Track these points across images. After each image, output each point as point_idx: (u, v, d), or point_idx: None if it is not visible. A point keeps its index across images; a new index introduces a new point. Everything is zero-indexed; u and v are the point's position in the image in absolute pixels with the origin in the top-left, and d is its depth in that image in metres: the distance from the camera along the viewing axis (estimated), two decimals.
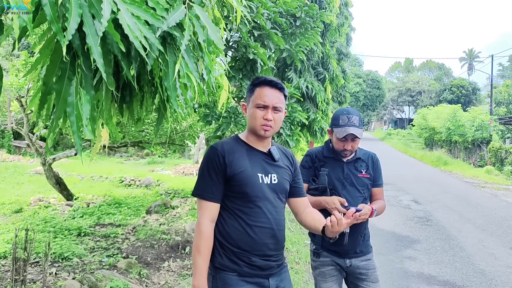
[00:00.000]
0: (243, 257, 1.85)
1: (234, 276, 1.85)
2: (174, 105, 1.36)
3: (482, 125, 22.75)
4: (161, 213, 8.32)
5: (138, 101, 1.61)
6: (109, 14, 1.08)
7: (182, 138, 10.22)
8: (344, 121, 2.47)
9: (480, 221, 7.79)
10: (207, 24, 1.37)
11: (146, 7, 1.22)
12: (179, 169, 15.20)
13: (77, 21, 1.06)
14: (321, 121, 7.32)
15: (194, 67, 1.39)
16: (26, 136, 8.33)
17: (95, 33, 1.11)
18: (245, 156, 1.90)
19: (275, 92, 1.89)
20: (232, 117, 5.14)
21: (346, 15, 12.44)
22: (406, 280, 4.64)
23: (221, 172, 1.85)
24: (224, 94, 2.24)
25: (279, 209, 1.94)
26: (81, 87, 1.19)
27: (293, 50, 5.39)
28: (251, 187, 1.85)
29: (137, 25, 1.16)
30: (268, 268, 1.89)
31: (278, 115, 1.89)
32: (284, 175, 1.98)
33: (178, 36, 1.31)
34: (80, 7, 1.08)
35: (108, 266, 5.10)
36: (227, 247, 1.87)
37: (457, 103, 32.71)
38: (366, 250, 2.60)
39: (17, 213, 8.34)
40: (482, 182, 14.39)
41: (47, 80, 1.18)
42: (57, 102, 1.16)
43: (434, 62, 74.19)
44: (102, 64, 1.10)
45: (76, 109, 1.16)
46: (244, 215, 1.85)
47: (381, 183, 2.70)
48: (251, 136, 1.95)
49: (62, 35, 1.06)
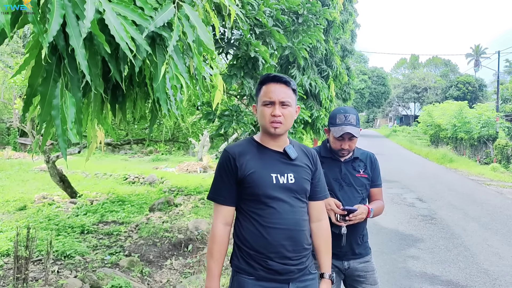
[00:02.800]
0: (260, 260, 1.81)
1: (251, 280, 1.83)
2: (163, 106, 1.33)
3: (488, 122, 22.54)
4: (164, 211, 8.33)
5: (131, 101, 1.59)
6: (92, 14, 1.05)
7: (185, 135, 10.22)
8: (341, 120, 2.43)
9: (485, 219, 7.72)
10: (197, 24, 1.33)
11: (133, 7, 1.19)
12: (183, 167, 15.21)
13: (59, 22, 1.03)
14: (324, 119, 7.27)
15: (184, 68, 1.36)
16: (30, 133, 8.36)
17: (79, 34, 1.08)
18: (257, 157, 1.87)
19: (281, 87, 1.84)
20: (234, 115, 5.10)
21: (350, 12, 12.34)
22: (409, 279, 4.60)
23: (232, 175, 1.84)
24: (218, 94, 2.21)
25: (297, 209, 1.87)
26: (67, 89, 1.17)
27: (295, 47, 5.34)
28: (263, 188, 1.81)
29: (123, 25, 1.13)
30: (287, 273, 1.82)
31: (287, 110, 1.83)
32: (303, 174, 1.91)
33: (167, 37, 1.28)
34: (63, 7, 1.05)
35: (110, 264, 5.11)
36: (244, 250, 1.86)
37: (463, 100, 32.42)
38: (365, 252, 2.56)
39: (21, 210, 8.39)
40: (487, 180, 14.27)
41: (32, 82, 1.15)
42: (42, 104, 1.13)
43: (440, 58, 73.78)
44: (86, 66, 1.07)
45: (61, 112, 1.13)
46: (258, 217, 1.82)
47: (379, 183, 2.66)
48: (264, 136, 1.91)
49: (43, 36, 1.03)
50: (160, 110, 1.46)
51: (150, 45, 1.26)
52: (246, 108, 5.72)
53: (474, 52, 67.96)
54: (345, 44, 12.27)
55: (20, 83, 7.58)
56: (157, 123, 8.59)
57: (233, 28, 4.19)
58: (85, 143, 9.12)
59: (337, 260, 2.50)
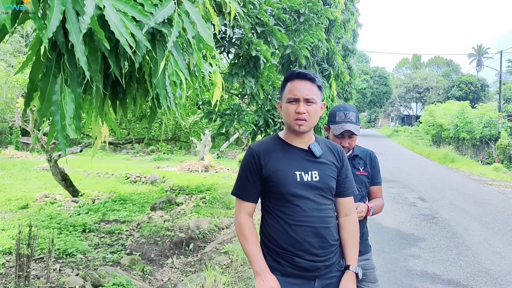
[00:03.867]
0: (286, 257, 1.82)
1: (278, 276, 1.83)
2: (163, 102, 1.33)
3: (491, 122, 22.49)
4: (166, 210, 8.34)
5: (131, 98, 1.59)
6: (92, 10, 1.06)
7: (187, 134, 10.23)
8: (341, 118, 2.43)
9: (487, 219, 7.71)
10: (197, 20, 1.34)
11: (133, 3, 1.19)
12: (184, 166, 15.23)
13: (59, 18, 1.04)
14: (325, 118, 7.26)
15: (183, 64, 1.36)
16: (32, 132, 8.38)
17: (79, 30, 1.08)
18: (282, 155, 1.87)
19: (306, 83, 1.83)
20: (235, 114, 5.11)
21: (352, 11, 12.32)
22: (410, 278, 4.60)
23: (256, 173, 1.85)
24: (217, 91, 2.21)
25: (323, 207, 1.86)
26: (67, 85, 1.18)
27: (296, 46, 5.34)
28: (288, 186, 1.81)
29: (122, 21, 1.13)
30: (314, 269, 1.82)
31: (311, 107, 1.82)
32: (328, 171, 1.89)
33: (167, 33, 1.28)
34: (63, 3, 1.06)
35: (111, 263, 5.12)
36: (271, 247, 1.87)
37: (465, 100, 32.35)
38: (365, 250, 2.56)
39: (23, 209, 8.42)
40: (489, 180, 14.24)
41: (33, 77, 1.16)
42: (42, 100, 1.14)
43: (442, 58, 73.66)
44: (85, 62, 1.08)
45: (60, 108, 1.14)
46: (283, 215, 1.82)
47: (379, 181, 2.66)
48: (289, 133, 1.91)
49: (42, 32, 1.03)
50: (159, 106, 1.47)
51: (150, 41, 1.26)
52: (247, 107, 5.73)
53: (476, 52, 67.80)
54: (347, 44, 12.26)
55: (22, 82, 7.60)
56: (159, 122, 8.60)
57: (235, 27, 4.19)
58: (86, 142, 9.15)
59: None
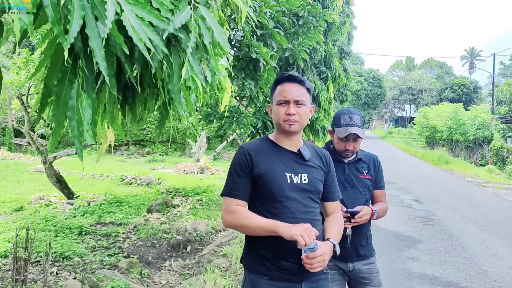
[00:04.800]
0: (273, 260, 1.82)
1: (264, 279, 1.82)
2: (179, 108, 1.32)
3: (484, 124, 22.70)
4: (162, 212, 8.30)
5: (140, 102, 1.58)
6: (113, 15, 1.05)
7: (183, 136, 10.20)
8: (346, 121, 2.44)
9: (483, 221, 7.76)
10: (213, 25, 1.33)
11: (150, 8, 1.18)
12: (180, 168, 15.18)
13: (79, 23, 1.03)
14: (323, 120, 7.28)
15: (199, 70, 1.35)
16: (27, 134, 8.30)
17: (98, 35, 1.07)
18: (273, 156, 1.88)
19: (295, 86, 1.86)
20: (235, 117, 5.10)
21: (347, 13, 12.39)
22: (409, 281, 4.61)
23: (248, 171, 1.84)
24: (226, 96, 2.21)
25: (310, 209, 1.87)
26: (83, 90, 1.16)
27: (295, 49, 5.35)
28: (278, 187, 1.81)
29: (141, 26, 1.12)
30: (300, 272, 1.81)
31: (301, 109, 1.85)
32: (316, 175, 1.92)
33: (183, 38, 1.28)
34: (83, 8, 1.05)
35: (109, 266, 5.08)
36: (258, 250, 1.86)
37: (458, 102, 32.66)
38: (369, 254, 2.56)
39: (18, 211, 8.33)
40: (483, 181, 14.34)
41: (47, 82, 1.14)
42: (57, 105, 1.13)
43: (435, 60, 74.15)
44: (105, 68, 1.07)
45: (77, 113, 1.13)
46: (271, 216, 1.81)
47: (383, 185, 2.66)
48: (279, 135, 1.93)
49: (64, 37, 1.02)
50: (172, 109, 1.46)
51: (166, 46, 1.25)
52: (246, 110, 5.72)
53: (469, 54, 68.40)
54: (343, 46, 12.31)
55: (18, 84, 7.53)
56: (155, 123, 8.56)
57: (234, 29, 4.19)
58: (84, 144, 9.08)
59: (342, 262, 2.49)
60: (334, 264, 2.50)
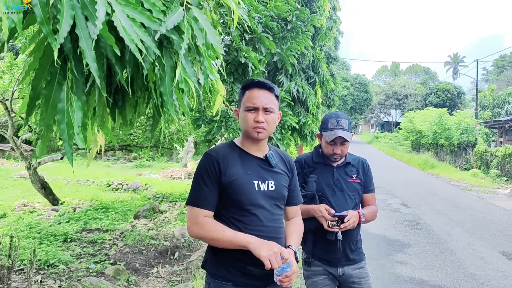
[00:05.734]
0: (239, 266, 1.80)
1: (229, 285, 1.80)
2: (171, 111, 1.29)
3: (468, 129, 23.07)
4: (149, 218, 8.21)
5: (131, 105, 1.55)
6: (104, 16, 1.02)
7: (171, 141, 10.12)
8: (333, 125, 2.44)
9: (469, 224, 7.85)
10: (205, 26, 1.31)
11: (141, 9, 1.16)
12: (167, 173, 15.07)
13: (69, 23, 1.00)
14: (311, 125, 7.30)
15: (192, 72, 1.33)
16: (11, 139, 8.13)
17: (89, 36, 1.04)
18: (239, 163, 1.84)
19: (265, 93, 1.84)
20: (223, 121, 5.08)
21: (334, 19, 12.50)
22: (398, 285, 4.63)
23: (216, 179, 1.79)
24: (219, 99, 2.19)
25: (276, 217, 1.88)
26: (72, 92, 1.13)
27: (284, 54, 5.35)
28: (246, 195, 1.79)
29: (133, 27, 1.10)
30: (265, 277, 1.81)
31: (270, 116, 1.83)
32: (282, 181, 1.92)
33: (175, 40, 1.25)
34: (73, 8, 1.01)
35: (95, 273, 4.99)
36: (222, 256, 1.82)
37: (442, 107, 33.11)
38: (359, 258, 2.55)
39: (1, 218, 8.14)
40: (468, 185, 14.55)
41: (35, 85, 1.10)
42: (46, 108, 1.09)
43: (420, 66, 75.34)
44: (96, 69, 1.04)
45: (67, 116, 1.09)
46: (239, 223, 1.79)
47: (372, 188, 2.67)
48: (246, 141, 1.90)
49: (53, 37, 0.99)
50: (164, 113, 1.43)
51: (157, 47, 1.23)
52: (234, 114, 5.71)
53: (453, 60, 69.65)
54: (330, 51, 12.39)
55: (1, 88, 7.38)
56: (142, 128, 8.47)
57: (223, 33, 4.17)
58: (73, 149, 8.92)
59: (332, 266, 2.49)
60: (323, 269, 2.49)
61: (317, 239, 2.48)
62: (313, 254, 2.49)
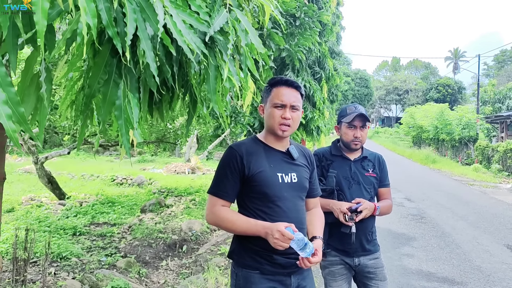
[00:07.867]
0: (265, 255, 1.87)
1: (257, 274, 1.88)
2: (215, 107, 1.36)
3: (469, 124, 23.13)
4: (156, 212, 8.28)
5: (166, 101, 1.62)
6: (163, 19, 1.09)
7: (175, 136, 10.18)
8: (351, 110, 2.56)
9: (472, 218, 7.93)
10: (247, 27, 1.38)
11: (190, 11, 1.22)
12: (171, 168, 15.13)
13: (134, 26, 1.06)
14: (318, 120, 7.37)
15: (235, 71, 1.40)
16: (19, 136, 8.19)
17: (148, 37, 1.11)
18: (263, 156, 1.92)
19: (292, 91, 1.92)
20: (233, 116, 5.15)
21: (337, 14, 12.51)
22: (406, 277, 4.71)
23: (238, 173, 1.87)
24: (249, 95, 2.26)
25: (299, 207, 1.96)
26: (128, 90, 1.20)
27: (292, 49, 5.41)
28: (271, 187, 1.87)
29: (186, 30, 1.16)
30: (290, 266, 1.89)
31: (296, 114, 1.92)
32: (303, 173, 2.01)
33: (221, 40, 1.32)
34: (135, 12, 1.08)
35: (107, 266, 5.07)
36: (249, 246, 1.90)
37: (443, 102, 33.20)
38: (374, 249, 2.62)
39: (9, 212, 8.21)
40: (470, 180, 14.63)
41: (91, 83, 1.17)
42: (103, 104, 1.16)
43: (420, 61, 75.17)
44: (155, 69, 1.11)
45: (124, 112, 1.16)
46: (264, 215, 1.87)
47: (387, 183, 2.75)
48: (270, 136, 1.97)
49: (117, 39, 1.05)
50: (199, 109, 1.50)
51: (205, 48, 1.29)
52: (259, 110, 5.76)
53: (453, 55, 69.50)
54: (333, 46, 12.43)
55: None
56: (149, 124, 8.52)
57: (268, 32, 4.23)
58: (74, 144, 8.99)
59: (348, 257, 2.56)
60: (340, 259, 2.57)
61: (332, 232, 2.56)
62: (329, 245, 2.57)
